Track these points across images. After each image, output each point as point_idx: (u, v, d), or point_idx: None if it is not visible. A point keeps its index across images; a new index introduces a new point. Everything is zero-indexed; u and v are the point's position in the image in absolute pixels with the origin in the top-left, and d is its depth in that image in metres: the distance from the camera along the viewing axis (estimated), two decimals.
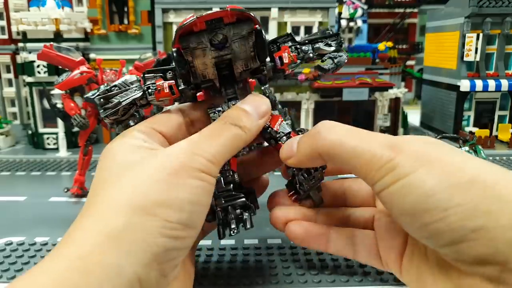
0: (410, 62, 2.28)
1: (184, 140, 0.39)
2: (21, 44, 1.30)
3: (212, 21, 0.40)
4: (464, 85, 1.27)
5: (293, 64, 0.46)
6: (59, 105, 0.84)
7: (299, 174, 0.46)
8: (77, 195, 0.85)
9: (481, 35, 1.25)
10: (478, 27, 1.26)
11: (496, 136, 1.33)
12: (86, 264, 0.30)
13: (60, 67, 0.82)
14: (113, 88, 0.44)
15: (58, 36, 1.25)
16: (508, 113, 1.35)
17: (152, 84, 0.44)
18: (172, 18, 1.30)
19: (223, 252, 0.60)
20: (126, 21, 1.34)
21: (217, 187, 0.43)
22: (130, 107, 0.44)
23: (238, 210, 0.44)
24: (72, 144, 1.25)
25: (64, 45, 0.80)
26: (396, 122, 1.40)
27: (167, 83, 0.44)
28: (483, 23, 1.25)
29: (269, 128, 0.45)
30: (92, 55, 1.32)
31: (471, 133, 1.26)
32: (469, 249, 0.31)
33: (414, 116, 1.66)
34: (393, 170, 0.34)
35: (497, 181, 0.32)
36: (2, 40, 1.47)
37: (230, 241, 0.63)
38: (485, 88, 1.27)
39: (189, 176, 0.36)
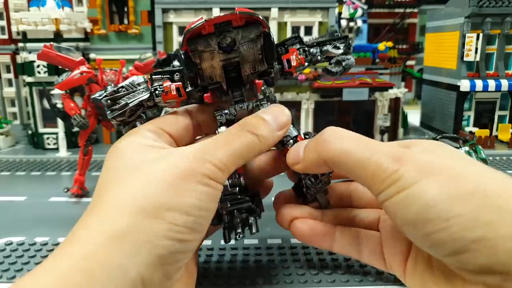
0: (410, 62, 2.27)
1: (197, 144, 0.39)
2: (21, 44, 1.30)
3: (221, 24, 0.40)
4: (464, 85, 1.27)
5: (301, 67, 0.45)
6: (59, 105, 0.84)
7: (306, 179, 0.46)
8: (77, 195, 0.85)
9: (481, 35, 1.25)
10: (478, 27, 1.26)
11: (496, 136, 1.33)
12: (90, 264, 0.30)
13: (60, 67, 0.82)
14: (120, 89, 0.43)
15: (58, 36, 1.25)
16: (508, 113, 1.35)
17: (160, 86, 0.44)
18: (172, 18, 1.30)
19: (223, 252, 0.60)
20: (126, 21, 1.34)
21: (223, 190, 0.42)
22: (137, 109, 0.44)
23: (244, 214, 0.43)
24: (72, 144, 1.25)
25: (64, 45, 0.80)
26: (396, 122, 1.40)
27: (175, 85, 0.44)
28: (483, 23, 1.25)
29: None
30: (92, 55, 1.32)
31: (471, 133, 1.26)
32: (471, 259, 0.31)
33: (414, 116, 1.66)
34: (397, 181, 0.34)
35: (498, 191, 0.32)
36: (2, 40, 1.47)
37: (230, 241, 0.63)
38: (485, 88, 1.27)
39: (197, 182, 0.36)
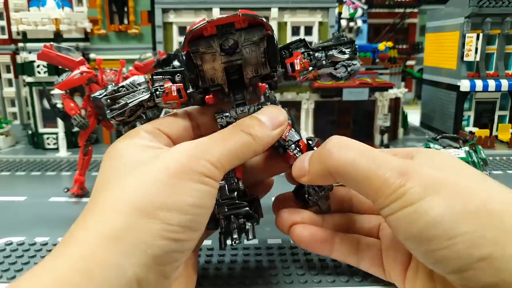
0: (410, 62, 2.28)
1: (191, 141, 0.39)
2: (21, 44, 1.30)
3: (223, 26, 0.40)
4: (464, 85, 1.27)
5: (305, 71, 0.45)
6: (59, 105, 0.84)
7: (310, 187, 0.46)
8: (77, 195, 0.85)
9: (481, 35, 1.25)
10: (478, 27, 1.26)
11: (496, 136, 1.33)
12: (87, 264, 0.30)
13: (60, 67, 0.82)
14: (121, 89, 0.43)
15: (58, 36, 1.25)
16: (508, 113, 1.35)
17: (160, 87, 0.43)
18: (172, 18, 1.30)
19: (223, 252, 0.60)
20: (126, 21, 1.34)
21: (221, 195, 0.42)
22: (137, 109, 0.44)
23: (241, 220, 0.43)
24: (72, 144, 1.25)
25: (64, 45, 0.80)
26: (396, 122, 1.40)
27: (175, 86, 0.43)
28: (483, 23, 1.25)
29: None
30: (92, 55, 1.32)
31: (471, 133, 1.26)
32: (476, 277, 0.31)
33: (414, 116, 1.66)
34: (403, 196, 0.34)
35: (505, 209, 0.32)
36: (2, 40, 1.47)
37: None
38: (485, 88, 1.27)
39: (192, 180, 0.36)
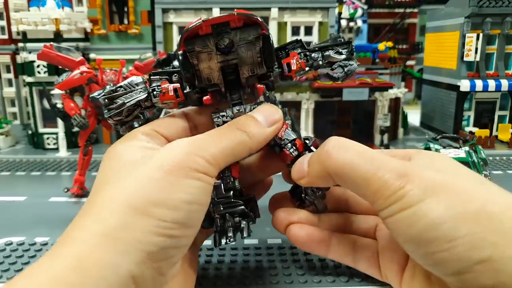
0: (410, 62, 2.28)
1: (186, 138, 0.39)
2: (21, 44, 1.30)
3: (218, 25, 0.40)
4: (464, 85, 1.27)
5: (302, 71, 0.45)
6: (59, 105, 0.84)
7: (307, 187, 0.46)
8: (77, 195, 0.85)
9: (481, 35, 1.25)
10: (478, 27, 1.26)
11: (496, 136, 1.33)
12: (83, 263, 0.30)
13: (60, 67, 0.82)
14: (119, 89, 0.43)
15: (58, 36, 1.25)
16: (508, 113, 1.35)
17: (158, 86, 0.44)
18: (172, 18, 1.30)
19: (223, 252, 0.60)
20: (126, 21, 1.34)
21: (217, 194, 0.42)
22: (135, 109, 0.44)
23: (237, 218, 0.43)
24: (72, 144, 1.25)
25: (64, 45, 0.80)
26: (396, 122, 1.40)
27: (172, 86, 0.43)
28: (483, 23, 1.25)
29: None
30: (92, 55, 1.32)
31: (471, 133, 1.26)
32: (474, 279, 0.31)
33: (414, 116, 1.66)
34: (402, 199, 0.34)
35: (504, 211, 0.32)
36: (2, 40, 1.47)
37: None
38: (485, 88, 1.27)
39: (186, 176, 0.36)
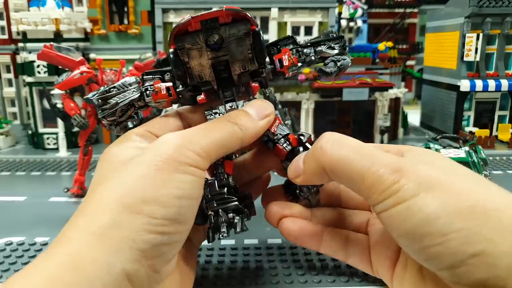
0: (410, 62, 2.28)
1: (176, 132, 0.39)
2: (21, 44, 1.30)
3: (207, 21, 0.40)
4: (464, 85, 1.27)
5: (294, 67, 0.45)
6: (59, 105, 0.84)
7: (303, 186, 0.46)
8: (77, 195, 0.85)
9: (481, 35, 1.25)
10: (478, 27, 1.26)
11: (496, 136, 1.33)
12: (78, 263, 0.31)
13: (60, 67, 0.82)
14: (112, 89, 0.44)
15: (58, 36, 1.25)
16: (508, 113, 1.35)
17: (150, 86, 0.44)
18: (172, 18, 1.30)
19: (223, 252, 0.60)
20: (126, 21, 1.34)
21: (210, 191, 0.42)
22: (128, 108, 0.44)
23: (230, 214, 0.42)
24: (72, 144, 1.25)
25: (64, 45, 0.80)
26: (396, 122, 1.40)
27: (165, 85, 0.44)
28: (483, 23, 1.25)
29: (267, 130, 0.44)
30: (92, 55, 1.32)
31: (471, 133, 1.26)
32: (469, 274, 0.31)
33: (414, 116, 1.66)
34: (397, 193, 0.34)
35: (498, 207, 0.32)
36: (2, 40, 1.47)
37: (230, 242, 0.63)
38: (485, 88, 1.27)
39: (176, 171, 0.36)
